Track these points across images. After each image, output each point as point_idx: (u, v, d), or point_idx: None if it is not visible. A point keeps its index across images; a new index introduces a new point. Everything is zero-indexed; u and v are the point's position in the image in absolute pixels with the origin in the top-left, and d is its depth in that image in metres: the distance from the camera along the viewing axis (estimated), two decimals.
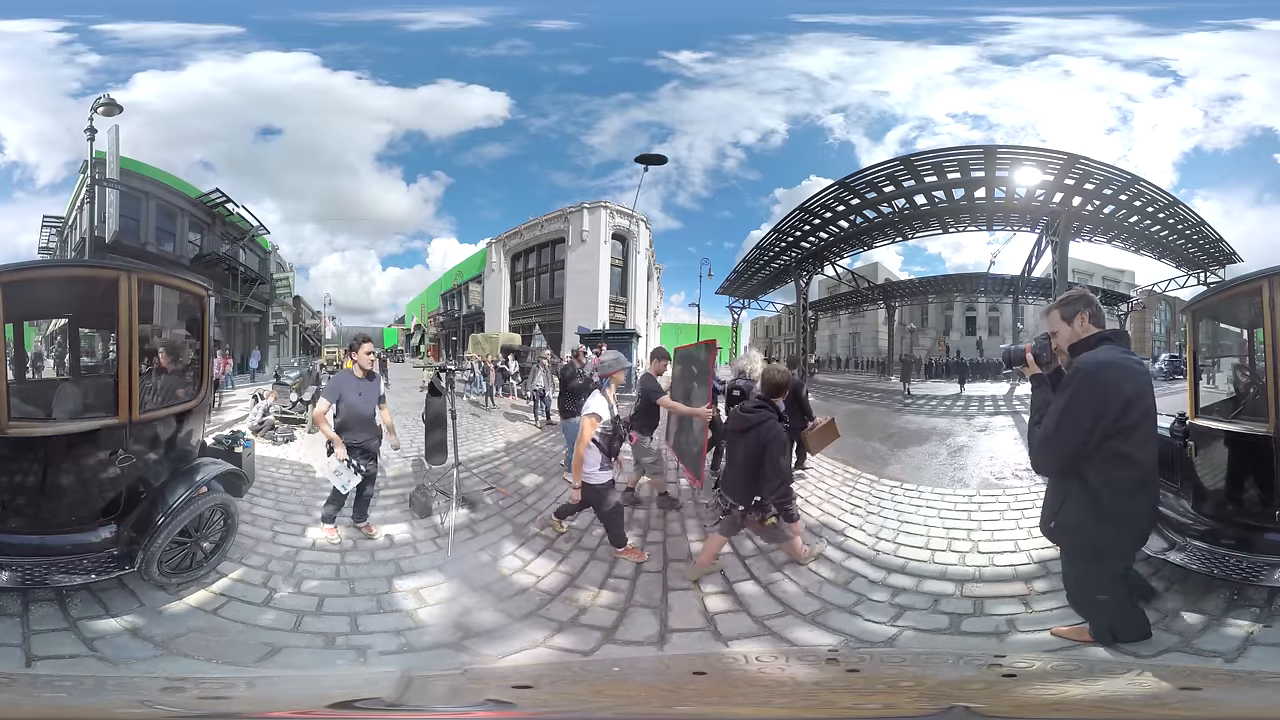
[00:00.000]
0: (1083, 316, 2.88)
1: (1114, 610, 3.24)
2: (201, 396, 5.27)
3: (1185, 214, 13.78)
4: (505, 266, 21.29)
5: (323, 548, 5.32)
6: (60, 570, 3.93)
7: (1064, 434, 2.69)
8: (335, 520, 5.57)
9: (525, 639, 4.05)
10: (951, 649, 3.94)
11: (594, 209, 18.96)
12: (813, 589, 4.72)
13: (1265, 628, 3.71)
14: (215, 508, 4.71)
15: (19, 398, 4.52)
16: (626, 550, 5.22)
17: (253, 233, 17.49)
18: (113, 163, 13.32)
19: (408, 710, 1.55)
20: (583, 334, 17.42)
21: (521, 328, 19.98)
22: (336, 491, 5.51)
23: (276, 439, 8.80)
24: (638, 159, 14.69)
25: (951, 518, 6.11)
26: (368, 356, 5.76)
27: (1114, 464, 2.63)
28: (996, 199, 13.45)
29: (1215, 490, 4.44)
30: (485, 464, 8.30)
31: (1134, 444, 2.61)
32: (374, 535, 5.63)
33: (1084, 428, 2.62)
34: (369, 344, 5.83)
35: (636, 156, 14.81)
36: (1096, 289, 19.48)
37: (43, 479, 4.10)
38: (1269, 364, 4.00)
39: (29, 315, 6.20)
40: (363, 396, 5.64)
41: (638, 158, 14.69)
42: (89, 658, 3.53)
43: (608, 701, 1.74)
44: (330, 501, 5.61)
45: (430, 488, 6.34)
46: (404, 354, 23.26)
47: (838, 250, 16.83)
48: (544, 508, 6.50)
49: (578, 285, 19.39)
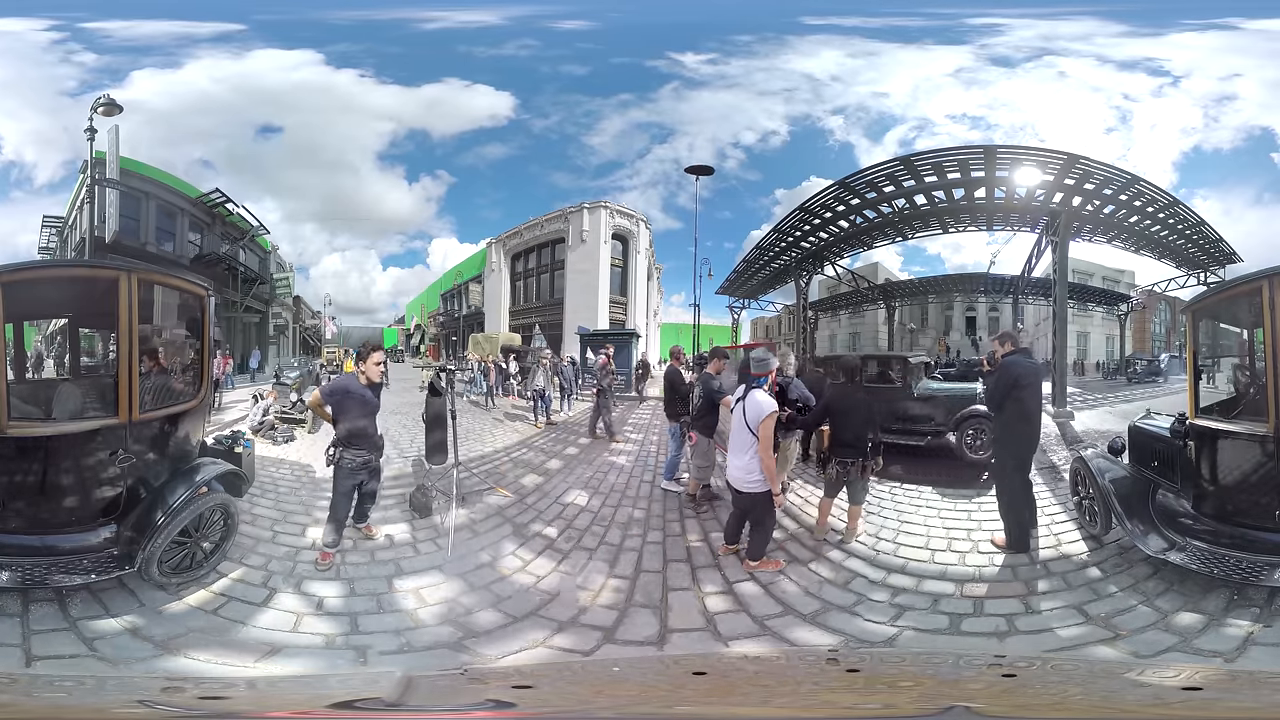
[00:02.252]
0: (1007, 344, 5.54)
1: (1010, 518, 5.24)
2: (201, 396, 5.28)
3: (1185, 214, 13.78)
4: (505, 266, 21.29)
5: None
6: (60, 570, 3.93)
7: (993, 391, 5.39)
8: (336, 547, 5.13)
9: (525, 639, 4.05)
10: (951, 649, 3.94)
11: (594, 209, 18.96)
12: (813, 589, 4.72)
13: (1265, 628, 3.71)
14: (215, 508, 4.71)
15: (19, 398, 4.52)
16: (763, 563, 4.90)
17: (253, 233, 17.48)
18: (113, 163, 13.33)
19: (408, 710, 1.55)
20: (583, 334, 17.43)
21: (521, 328, 19.98)
22: (334, 515, 5.17)
23: (276, 439, 8.80)
24: (688, 169, 14.72)
25: (951, 518, 6.12)
26: (377, 369, 5.34)
27: (1012, 405, 5.19)
28: (996, 199, 13.43)
29: (1215, 490, 4.44)
30: (485, 464, 8.30)
31: (1023, 395, 5.15)
32: (374, 535, 5.53)
33: (1002, 389, 5.22)
34: (380, 354, 5.44)
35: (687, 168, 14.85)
36: (1096, 289, 19.52)
37: (43, 479, 4.10)
38: (1269, 364, 4.00)
39: (29, 315, 6.20)
40: (365, 407, 5.26)
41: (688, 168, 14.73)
42: (89, 658, 3.52)
43: (608, 701, 1.74)
44: (331, 522, 5.18)
45: (430, 488, 6.34)
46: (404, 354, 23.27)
47: (838, 250, 16.82)
48: (544, 508, 6.51)
49: (578, 285, 19.39)
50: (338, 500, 5.20)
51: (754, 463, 4.75)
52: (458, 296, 22.19)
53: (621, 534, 5.80)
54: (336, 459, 5.19)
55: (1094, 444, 8.06)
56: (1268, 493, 4.03)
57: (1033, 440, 5.32)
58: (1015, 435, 5.23)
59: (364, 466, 5.24)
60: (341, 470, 5.18)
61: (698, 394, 6.67)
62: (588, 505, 6.60)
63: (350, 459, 5.17)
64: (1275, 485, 3.99)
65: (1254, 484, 4.16)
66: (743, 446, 4.82)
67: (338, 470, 5.19)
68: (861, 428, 5.58)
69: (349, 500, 5.27)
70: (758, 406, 4.75)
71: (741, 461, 4.82)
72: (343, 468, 5.18)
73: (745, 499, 4.86)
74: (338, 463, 5.18)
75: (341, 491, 5.21)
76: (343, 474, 5.19)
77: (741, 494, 4.87)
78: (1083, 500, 5.60)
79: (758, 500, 4.81)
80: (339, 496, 5.21)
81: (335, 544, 5.12)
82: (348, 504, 5.27)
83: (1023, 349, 5.47)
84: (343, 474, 5.19)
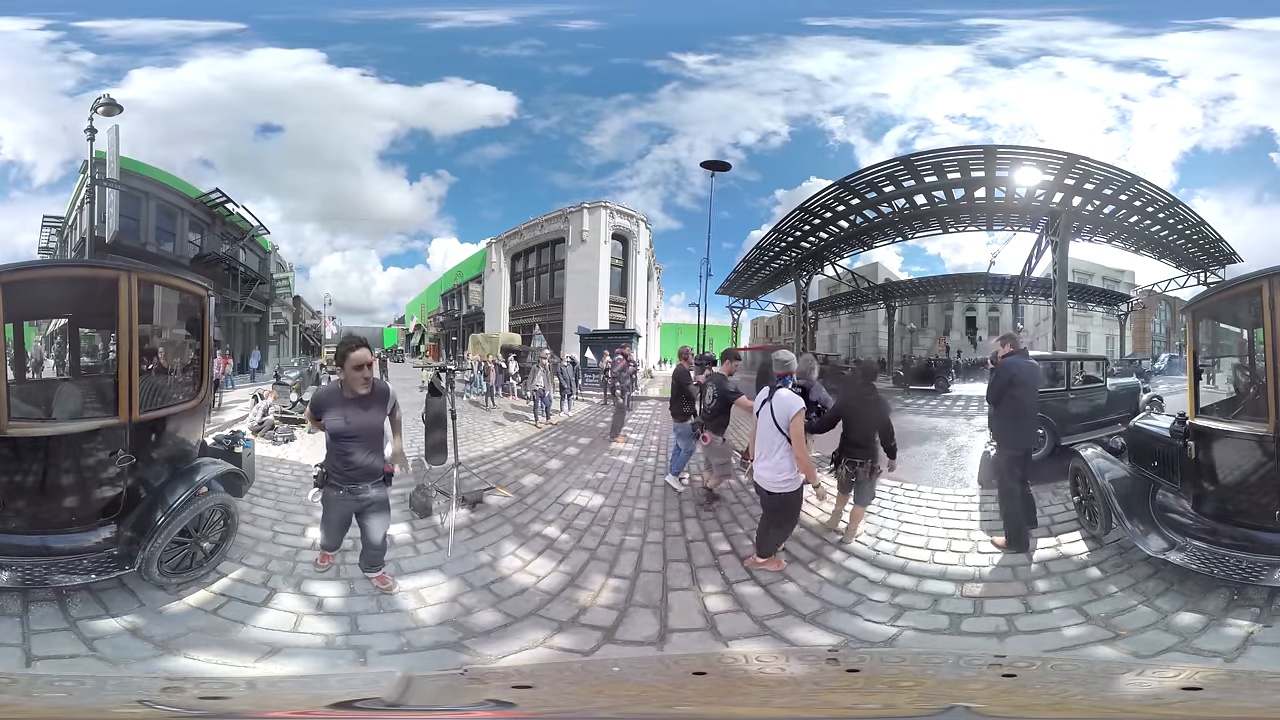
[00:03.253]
0: (1007, 345, 5.66)
1: (1007, 516, 5.37)
2: (201, 396, 5.27)
3: (1185, 214, 13.78)
4: (505, 266, 21.27)
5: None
6: (60, 570, 3.93)
7: (991, 387, 5.57)
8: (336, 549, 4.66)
9: (525, 639, 4.05)
10: (951, 649, 3.94)
11: (594, 209, 18.94)
12: (813, 589, 4.72)
13: (1265, 628, 3.71)
14: (215, 508, 4.71)
15: (19, 398, 4.52)
16: (770, 561, 4.93)
17: (253, 233, 17.48)
18: (113, 163, 13.32)
19: (408, 710, 1.55)
20: (583, 334, 17.43)
21: (521, 328, 19.97)
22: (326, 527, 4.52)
23: (276, 439, 8.80)
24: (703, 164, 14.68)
25: (951, 518, 6.12)
26: (358, 373, 4.04)
27: (1007, 403, 5.38)
28: (996, 199, 13.45)
29: (1215, 490, 4.44)
30: (485, 464, 8.30)
31: (1018, 393, 5.31)
32: (390, 588, 4.60)
33: (999, 386, 5.42)
34: (362, 353, 4.06)
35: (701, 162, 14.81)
36: (1096, 289, 19.51)
37: (43, 479, 4.10)
38: (1269, 364, 4.00)
39: (29, 315, 6.20)
40: (350, 425, 4.12)
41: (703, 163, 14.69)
42: (89, 658, 3.52)
43: (608, 701, 1.74)
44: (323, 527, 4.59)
45: (430, 488, 6.34)
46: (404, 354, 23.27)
47: (838, 250, 16.83)
48: (544, 508, 6.51)
49: (578, 285, 19.37)
50: (327, 529, 4.54)
51: (783, 462, 4.68)
52: (458, 296, 22.18)
53: (622, 534, 5.80)
54: (320, 481, 4.34)
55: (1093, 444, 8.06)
56: (1268, 493, 4.03)
57: (1026, 438, 5.49)
58: (1009, 432, 5.44)
59: (352, 497, 4.26)
60: (326, 498, 4.37)
61: (710, 394, 6.65)
62: (588, 505, 6.61)
63: (333, 489, 4.27)
64: (1275, 485, 3.99)
65: (1254, 484, 4.16)
66: (770, 448, 4.75)
67: (323, 497, 4.40)
68: (871, 430, 5.60)
69: (339, 533, 4.52)
70: (786, 404, 4.69)
71: (770, 462, 4.75)
72: (326, 496, 4.35)
73: (776, 499, 4.81)
74: (323, 485, 4.33)
75: (328, 521, 4.47)
76: (326, 503, 4.39)
77: (772, 494, 4.81)
78: (1083, 500, 5.60)
79: (788, 500, 4.81)
80: (327, 526, 4.52)
81: (335, 546, 4.65)
82: (338, 535, 4.54)
83: (1021, 350, 5.63)
84: (326, 503, 4.39)
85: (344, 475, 4.21)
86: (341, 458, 4.19)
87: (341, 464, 4.20)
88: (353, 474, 4.20)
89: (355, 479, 4.22)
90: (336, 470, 4.23)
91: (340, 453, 4.19)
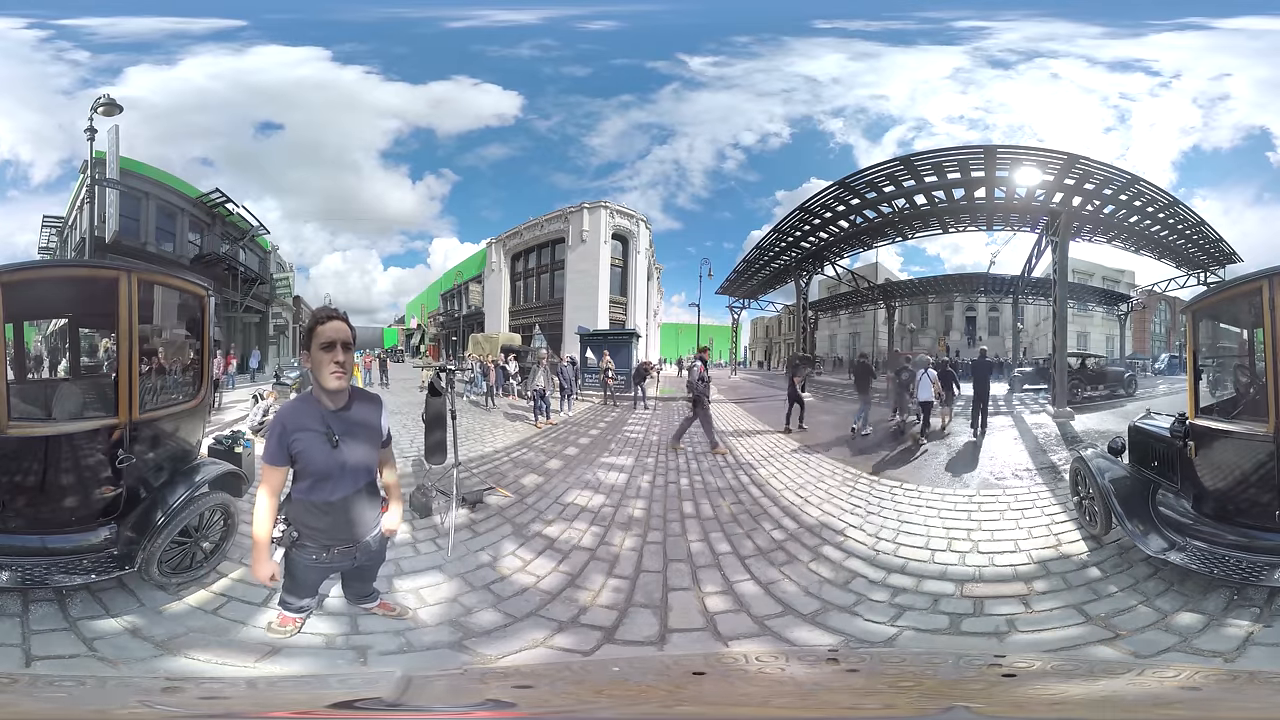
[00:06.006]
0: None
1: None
2: (201, 397, 5.27)
3: (1185, 214, 13.80)
4: (505, 266, 21.27)
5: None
6: (60, 570, 3.93)
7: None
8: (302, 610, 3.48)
9: (525, 639, 4.05)
10: (951, 649, 3.94)
11: (594, 209, 18.94)
12: (813, 589, 4.72)
13: (1265, 628, 3.71)
14: (215, 508, 4.71)
15: (19, 398, 4.52)
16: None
17: (253, 232, 17.48)
18: (113, 163, 13.32)
19: (408, 710, 1.55)
20: (583, 334, 17.42)
21: (521, 328, 19.97)
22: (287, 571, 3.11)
23: None
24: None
25: (951, 518, 6.12)
26: (326, 355, 2.72)
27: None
28: (996, 199, 13.46)
29: (1215, 490, 4.44)
30: (485, 464, 8.30)
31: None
32: (400, 612, 4.11)
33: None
34: (337, 323, 2.75)
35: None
36: (1096, 289, 19.53)
37: (43, 479, 4.09)
38: (1269, 364, 4.00)
39: (29, 315, 6.19)
40: (332, 459, 2.81)
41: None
42: (89, 658, 3.52)
43: (608, 701, 1.74)
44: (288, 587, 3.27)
45: (430, 488, 6.34)
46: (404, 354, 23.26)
47: (838, 250, 16.86)
48: (544, 507, 6.51)
49: (578, 285, 19.37)
50: (293, 587, 3.24)
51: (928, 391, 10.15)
52: (458, 296, 22.20)
53: (622, 533, 5.80)
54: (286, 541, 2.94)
55: (1094, 444, 8.06)
56: (1268, 493, 4.03)
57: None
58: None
59: (336, 561, 3.06)
60: (292, 560, 3.01)
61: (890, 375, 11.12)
62: (589, 505, 6.61)
63: (306, 554, 2.97)
64: (1275, 485, 3.99)
65: (1254, 484, 4.16)
66: (927, 389, 10.19)
67: (287, 557, 3.00)
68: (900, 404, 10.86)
69: (310, 593, 3.33)
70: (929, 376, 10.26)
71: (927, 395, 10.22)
72: (294, 559, 3.01)
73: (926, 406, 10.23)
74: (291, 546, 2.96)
75: (295, 579, 3.15)
76: (293, 563, 3.03)
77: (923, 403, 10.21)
78: (1083, 500, 5.60)
79: (925, 405, 10.20)
80: (293, 584, 3.21)
81: (305, 611, 3.57)
82: (308, 595, 3.36)
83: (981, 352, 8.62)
84: (293, 563, 3.03)
85: (328, 534, 2.93)
86: (321, 509, 2.86)
87: (320, 517, 2.87)
88: (339, 533, 2.94)
89: (342, 539, 2.96)
90: (311, 528, 2.90)
91: (318, 502, 2.85)
